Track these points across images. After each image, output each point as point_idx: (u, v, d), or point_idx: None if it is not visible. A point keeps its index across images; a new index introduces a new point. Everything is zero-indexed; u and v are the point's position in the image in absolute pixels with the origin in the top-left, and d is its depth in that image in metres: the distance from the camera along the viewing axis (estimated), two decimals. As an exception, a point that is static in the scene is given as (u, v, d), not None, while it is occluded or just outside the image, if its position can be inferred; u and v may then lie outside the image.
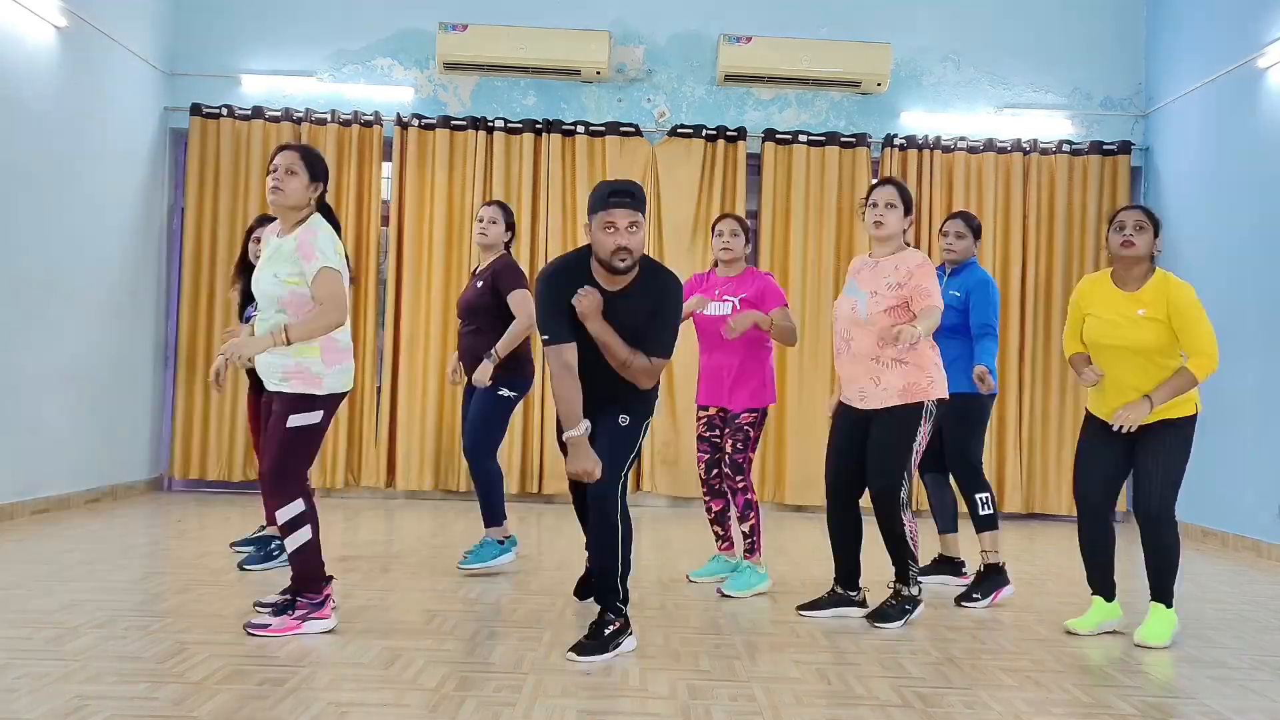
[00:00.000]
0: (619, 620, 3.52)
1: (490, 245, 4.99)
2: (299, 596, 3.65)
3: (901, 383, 3.93)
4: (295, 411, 3.63)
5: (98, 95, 6.82)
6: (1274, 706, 3.16)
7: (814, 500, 7.66)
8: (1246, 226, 6.59)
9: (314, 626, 3.61)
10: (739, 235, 4.77)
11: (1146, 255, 3.87)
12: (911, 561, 4.05)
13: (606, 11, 7.81)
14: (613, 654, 3.45)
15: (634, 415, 3.64)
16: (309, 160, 3.70)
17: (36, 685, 2.90)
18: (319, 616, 3.63)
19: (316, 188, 3.72)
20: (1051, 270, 7.80)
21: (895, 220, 4.02)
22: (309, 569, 3.65)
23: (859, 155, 7.78)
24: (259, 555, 4.76)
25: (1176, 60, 7.53)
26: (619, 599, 3.54)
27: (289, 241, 3.65)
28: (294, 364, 3.62)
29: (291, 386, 3.62)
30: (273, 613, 3.66)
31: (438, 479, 7.61)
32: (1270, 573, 5.71)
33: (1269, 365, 6.30)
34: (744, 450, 4.68)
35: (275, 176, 3.66)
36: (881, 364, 3.96)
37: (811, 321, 7.70)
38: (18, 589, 4.12)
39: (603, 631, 3.48)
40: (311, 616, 3.61)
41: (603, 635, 3.47)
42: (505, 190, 7.66)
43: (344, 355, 3.74)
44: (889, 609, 4.05)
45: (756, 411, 4.68)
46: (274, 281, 3.63)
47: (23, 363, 6.10)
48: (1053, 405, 7.75)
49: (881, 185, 4.06)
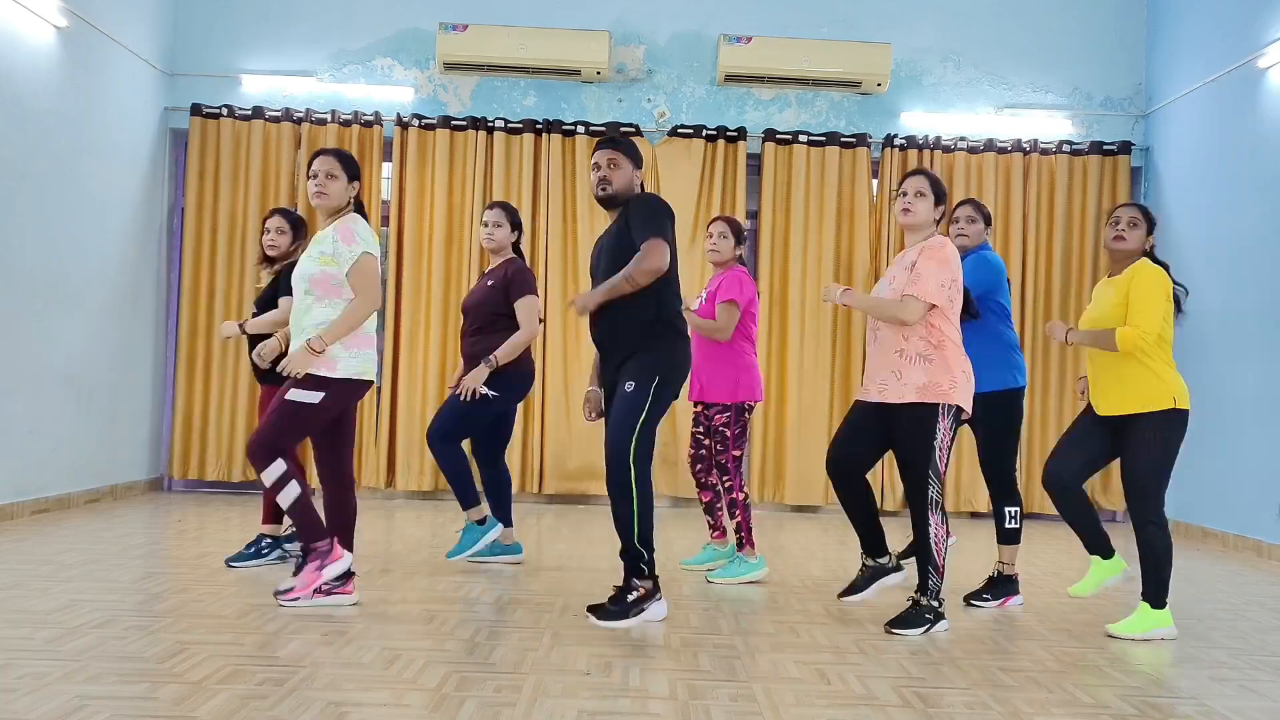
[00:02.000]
0: (644, 586, 3.60)
1: (498, 249, 4.99)
2: (309, 549, 3.87)
3: (923, 379, 3.82)
4: (299, 386, 3.82)
5: (98, 95, 6.82)
6: (1274, 706, 3.16)
7: (814, 500, 7.66)
8: (1247, 226, 6.59)
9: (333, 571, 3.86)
10: (727, 237, 4.91)
11: (1137, 250, 4.00)
12: (933, 570, 3.86)
13: (606, 11, 7.82)
14: (635, 619, 3.57)
15: (639, 380, 3.75)
16: (345, 163, 4.01)
17: (36, 685, 2.89)
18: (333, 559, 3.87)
19: (354, 187, 4.05)
20: (1051, 270, 7.80)
21: (925, 209, 3.95)
22: (308, 519, 3.86)
23: (859, 155, 7.79)
24: (248, 553, 4.78)
25: (1176, 60, 7.53)
26: (642, 561, 3.63)
27: (327, 230, 3.95)
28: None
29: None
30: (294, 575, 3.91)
31: (438, 479, 7.60)
32: (1270, 573, 5.71)
33: (1269, 365, 6.30)
34: (725, 450, 4.77)
35: (317, 182, 3.93)
36: (905, 358, 3.85)
37: (811, 321, 7.71)
38: (18, 589, 4.12)
39: (625, 596, 3.60)
40: (327, 563, 3.84)
41: (625, 600, 3.60)
42: (505, 190, 7.67)
43: (365, 342, 3.93)
44: (909, 615, 3.88)
45: (729, 409, 4.75)
46: (309, 259, 3.90)
47: (23, 363, 6.10)
48: (1052, 405, 7.75)
49: (913, 174, 4.01)
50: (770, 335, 7.73)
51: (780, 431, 7.69)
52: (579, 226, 7.69)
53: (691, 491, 7.47)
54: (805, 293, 7.71)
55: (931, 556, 3.85)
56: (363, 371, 3.90)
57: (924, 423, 3.81)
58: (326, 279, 3.88)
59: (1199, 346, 6.92)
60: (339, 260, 3.88)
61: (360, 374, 3.89)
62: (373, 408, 7.65)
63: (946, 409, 3.83)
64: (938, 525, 3.84)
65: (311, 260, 3.89)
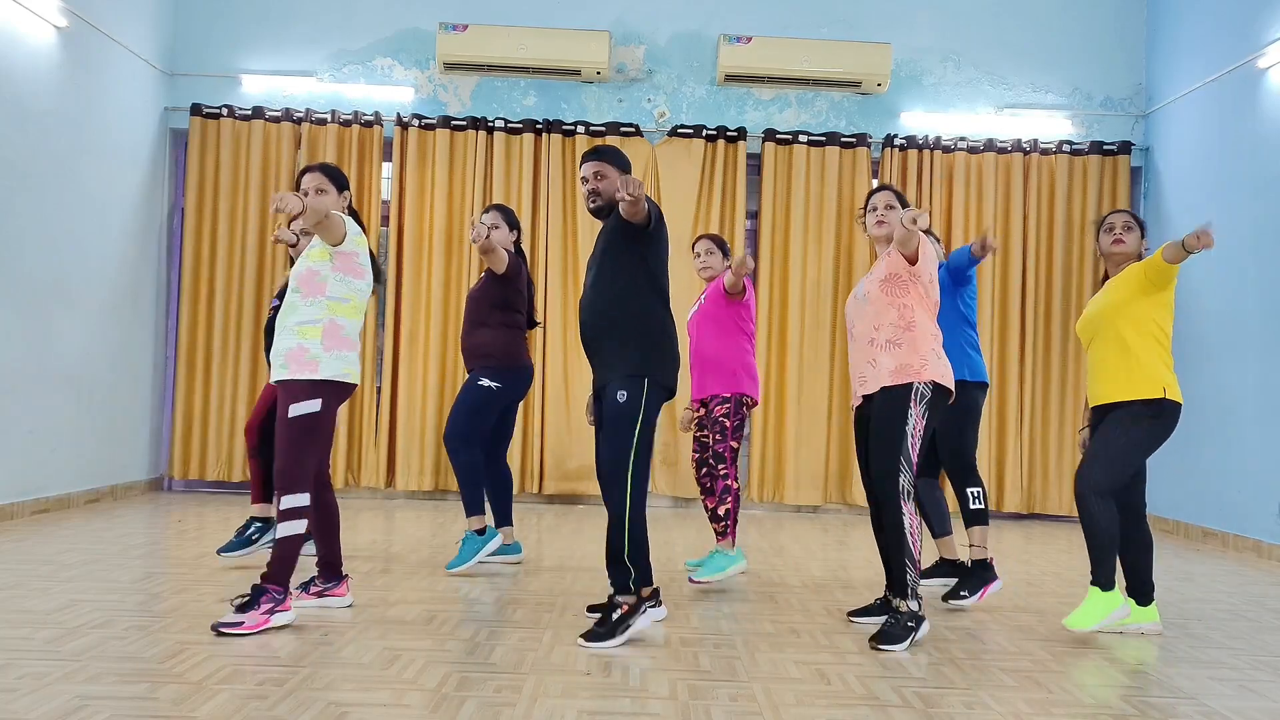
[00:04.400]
0: (627, 603, 3.56)
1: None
2: (267, 587, 3.65)
3: (894, 363, 3.84)
4: (294, 400, 3.72)
5: (98, 95, 6.82)
6: (1274, 706, 3.16)
7: (814, 500, 7.66)
8: (1247, 226, 6.59)
9: (281, 619, 3.65)
10: (714, 253, 5.05)
11: (1134, 253, 4.07)
12: (910, 565, 3.76)
13: (606, 11, 7.82)
14: (622, 639, 3.51)
15: (630, 389, 3.65)
16: (332, 176, 3.99)
17: (36, 685, 2.90)
18: (283, 609, 3.66)
19: (346, 197, 4.04)
20: (1051, 270, 7.80)
21: (896, 220, 4.04)
22: (290, 563, 3.70)
23: (859, 155, 7.79)
24: (237, 541, 4.79)
25: (1176, 60, 7.53)
26: (628, 579, 3.59)
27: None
28: (295, 345, 3.74)
29: (290, 372, 3.73)
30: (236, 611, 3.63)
31: (438, 479, 7.61)
32: (1270, 573, 5.71)
33: (1269, 365, 6.30)
34: (723, 440, 4.79)
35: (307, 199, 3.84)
36: (877, 345, 3.90)
37: (811, 321, 7.71)
38: (18, 589, 4.12)
39: (610, 616, 3.54)
40: (278, 610, 3.64)
41: (610, 620, 3.53)
42: (505, 190, 7.67)
43: (346, 345, 3.82)
44: (890, 629, 3.71)
45: (728, 401, 4.78)
46: (302, 259, 3.87)
47: (23, 363, 6.10)
48: (1053, 405, 7.75)
49: (878, 191, 4.13)
50: (770, 335, 7.72)
51: (780, 431, 7.69)
52: (579, 226, 7.68)
53: (691, 491, 7.48)
54: (805, 293, 7.71)
55: (908, 549, 3.74)
56: (345, 374, 3.80)
57: (896, 404, 3.80)
58: (312, 275, 3.81)
59: (1199, 346, 6.92)
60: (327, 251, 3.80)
61: (343, 376, 3.79)
62: (373, 408, 7.65)
63: (920, 395, 3.80)
64: (911, 515, 3.76)
65: (303, 259, 3.87)
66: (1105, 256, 4.12)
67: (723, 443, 4.77)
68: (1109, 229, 4.09)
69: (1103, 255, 4.13)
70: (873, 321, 3.92)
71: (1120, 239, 4.05)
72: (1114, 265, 4.10)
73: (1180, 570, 5.62)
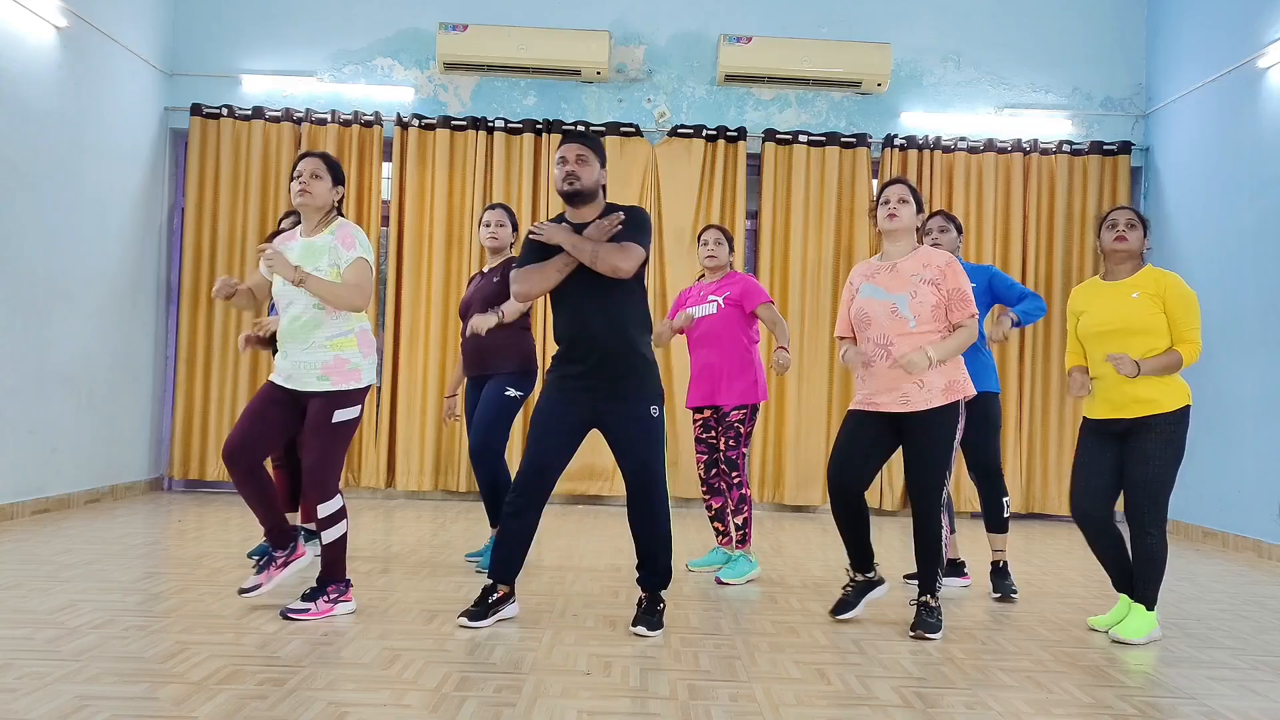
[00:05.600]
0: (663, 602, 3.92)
1: (499, 248, 5.05)
2: (329, 584, 3.87)
3: (944, 381, 3.86)
4: (339, 407, 3.82)
5: (98, 95, 6.82)
6: (1274, 706, 3.16)
7: (813, 500, 7.66)
8: (1246, 226, 6.59)
9: (344, 609, 3.89)
10: (722, 244, 5.00)
11: (1137, 251, 4.02)
12: (940, 569, 3.92)
13: (606, 11, 7.82)
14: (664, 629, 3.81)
15: (659, 403, 3.89)
16: (331, 166, 3.98)
17: (36, 685, 2.89)
18: (346, 599, 3.91)
19: (338, 191, 3.99)
20: (1051, 270, 7.80)
21: (909, 214, 3.97)
22: (342, 559, 3.91)
23: (859, 155, 7.79)
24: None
25: (1176, 60, 7.53)
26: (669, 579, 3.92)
27: (324, 238, 3.88)
28: (332, 359, 3.81)
29: (332, 383, 3.81)
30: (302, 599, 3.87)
31: (438, 479, 7.61)
32: (1270, 573, 5.71)
33: (1269, 365, 6.30)
34: (736, 446, 4.82)
35: (302, 181, 3.89)
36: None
37: (811, 321, 7.71)
38: (18, 589, 4.12)
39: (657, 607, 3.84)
40: (341, 599, 3.89)
41: (657, 611, 3.82)
42: (505, 190, 7.67)
43: (372, 346, 3.97)
44: (926, 619, 3.87)
45: (746, 408, 4.83)
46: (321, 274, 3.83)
47: (23, 363, 6.10)
48: (1052, 406, 7.75)
49: (892, 183, 4.03)
50: (770, 335, 7.72)
51: (780, 431, 7.69)
52: (579, 226, 7.67)
53: (691, 491, 7.47)
54: (805, 293, 7.71)
55: (941, 558, 3.91)
56: (373, 377, 3.97)
57: (949, 423, 3.89)
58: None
59: (1199, 346, 6.92)
60: (340, 265, 3.83)
61: (374, 380, 3.98)
62: (373, 408, 7.64)
63: (962, 410, 3.94)
64: (945, 525, 3.93)
65: (323, 275, 3.82)
66: (1106, 254, 4.03)
67: (736, 449, 4.79)
68: (1111, 225, 4.01)
69: (1103, 252, 4.05)
70: (919, 342, 3.86)
71: (1124, 236, 3.97)
72: (1114, 263, 4.02)
73: (1180, 570, 5.62)
